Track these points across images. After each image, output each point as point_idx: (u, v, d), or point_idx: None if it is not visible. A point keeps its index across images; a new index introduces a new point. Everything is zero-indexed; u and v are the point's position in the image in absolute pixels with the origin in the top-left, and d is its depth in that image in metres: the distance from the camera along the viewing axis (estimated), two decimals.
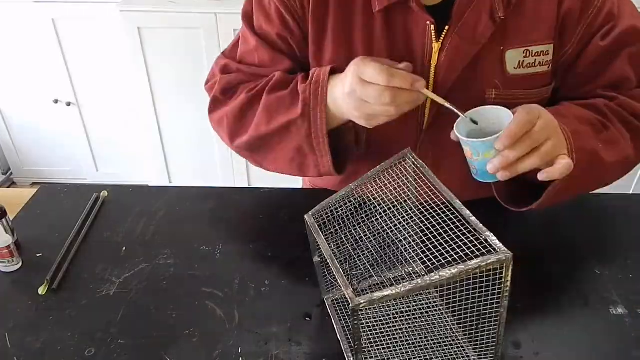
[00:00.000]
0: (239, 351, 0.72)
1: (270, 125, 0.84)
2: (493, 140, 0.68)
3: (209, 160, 2.26)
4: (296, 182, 1.20)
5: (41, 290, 0.81)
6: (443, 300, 0.77)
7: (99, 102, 2.26)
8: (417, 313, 0.75)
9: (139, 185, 1.08)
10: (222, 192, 1.05)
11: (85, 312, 0.78)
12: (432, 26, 0.78)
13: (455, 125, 0.73)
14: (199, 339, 0.74)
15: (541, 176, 0.72)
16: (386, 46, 0.81)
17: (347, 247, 0.74)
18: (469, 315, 0.70)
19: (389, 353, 0.70)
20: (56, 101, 2.26)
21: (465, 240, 0.59)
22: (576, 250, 0.89)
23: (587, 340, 0.73)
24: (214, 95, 0.92)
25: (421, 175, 0.68)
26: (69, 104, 2.27)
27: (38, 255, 0.89)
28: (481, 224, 0.60)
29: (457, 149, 0.76)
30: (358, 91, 0.72)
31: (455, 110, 0.73)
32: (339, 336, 0.74)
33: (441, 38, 0.79)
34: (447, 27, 0.78)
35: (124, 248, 0.90)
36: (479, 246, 0.58)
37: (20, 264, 0.86)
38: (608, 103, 0.84)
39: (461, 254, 0.58)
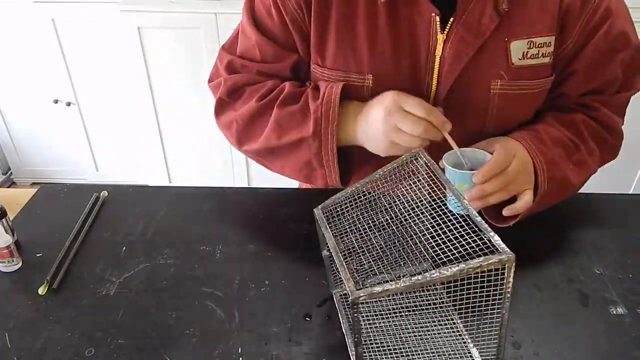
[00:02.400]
0: (239, 351, 0.72)
1: (280, 140, 0.86)
2: (469, 174, 0.77)
3: (209, 160, 2.26)
4: (296, 182, 1.20)
5: (41, 290, 0.81)
6: (447, 300, 0.77)
7: (99, 102, 2.26)
8: (420, 311, 0.75)
9: (139, 185, 1.08)
10: (222, 192, 1.05)
11: (85, 312, 0.78)
12: (438, 17, 0.79)
13: (445, 155, 0.80)
14: (199, 339, 0.74)
15: (506, 212, 0.81)
16: (390, 38, 0.82)
17: (354, 243, 0.74)
18: (469, 315, 0.70)
19: (391, 350, 0.70)
20: (56, 101, 2.26)
21: (469, 240, 0.59)
22: (576, 250, 0.89)
23: (587, 340, 0.73)
24: (219, 97, 0.92)
25: (431, 174, 0.69)
26: (69, 104, 2.26)
27: (38, 255, 0.89)
28: (486, 224, 0.60)
29: (458, 121, 0.81)
30: (396, 118, 0.77)
31: (457, 150, 0.80)
32: (344, 330, 0.74)
33: (446, 29, 0.80)
34: (452, 19, 0.79)
35: (124, 248, 0.90)
36: (482, 246, 0.59)
37: (20, 264, 0.86)
38: (586, 120, 0.90)
39: (464, 252, 0.58)
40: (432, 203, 0.69)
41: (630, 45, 0.86)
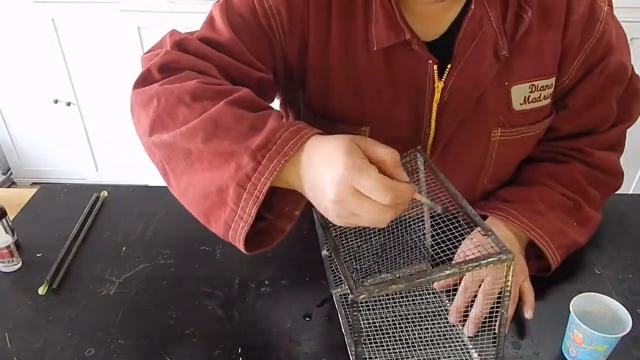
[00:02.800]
0: (239, 351, 0.72)
1: (207, 143, 0.61)
2: (616, 339, 0.67)
3: None
4: None
5: (41, 290, 0.81)
6: (446, 300, 0.77)
7: (99, 102, 2.26)
8: (420, 312, 0.75)
9: (139, 185, 1.08)
10: None
11: (85, 312, 0.78)
12: (435, 66, 0.75)
13: (574, 300, 0.71)
14: (199, 339, 0.74)
15: (529, 315, 0.75)
16: (389, 83, 0.77)
17: (353, 243, 0.74)
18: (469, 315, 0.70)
19: (390, 349, 0.70)
20: (56, 101, 2.26)
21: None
22: (576, 250, 0.88)
23: None
24: (147, 68, 0.71)
25: (430, 173, 0.69)
26: (69, 104, 2.26)
27: (38, 255, 0.89)
28: (485, 224, 0.60)
29: (456, 171, 0.77)
30: (350, 204, 0.55)
31: (430, 205, 0.62)
32: (343, 330, 0.74)
33: (444, 77, 0.76)
34: (449, 66, 0.75)
35: (124, 248, 0.90)
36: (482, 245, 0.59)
37: (20, 264, 0.86)
38: (583, 170, 0.86)
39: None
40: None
41: (627, 76, 0.83)
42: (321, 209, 0.59)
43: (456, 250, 0.59)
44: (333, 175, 0.55)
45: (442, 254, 0.66)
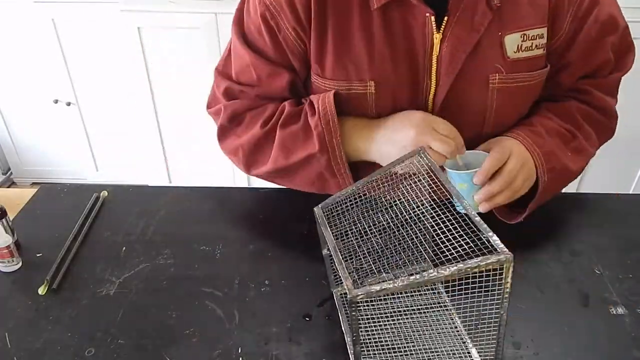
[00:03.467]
0: (239, 351, 0.72)
1: (289, 160, 0.87)
2: (468, 174, 0.80)
3: (209, 160, 2.25)
4: None
5: (41, 290, 0.81)
6: (446, 299, 0.77)
7: (99, 102, 2.26)
8: (419, 311, 0.75)
9: (139, 185, 1.08)
10: (222, 192, 1.05)
11: (85, 312, 0.78)
12: (432, 17, 0.79)
13: (447, 160, 0.82)
14: (199, 339, 0.74)
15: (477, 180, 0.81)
16: (387, 43, 0.82)
17: (354, 243, 0.74)
18: (468, 315, 0.70)
19: (390, 349, 0.70)
20: (56, 101, 2.26)
21: (468, 240, 0.59)
22: (576, 250, 0.89)
23: (587, 340, 0.73)
24: (221, 124, 0.93)
25: (432, 174, 0.69)
26: (69, 104, 2.26)
27: (38, 255, 0.89)
28: (485, 224, 0.60)
29: (458, 123, 0.83)
30: (428, 137, 0.79)
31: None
32: (343, 329, 0.74)
33: (441, 29, 0.80)
34: (446, 18, 0.79)
35: (124, 248, 0.90)
36: (481, 246, 0.59)
37: (20, 264, 0.86)
38: (579, 106, 0.91)
39: (462, 253, 0.58)
40: (432, 203, 0.69)
41: (619, 28, 0.88)
42: (392, 155, 0.79)
43: (456, 250, 0.59)
44: (413, 121, 0.82)
45: (441, 255, 0.66)
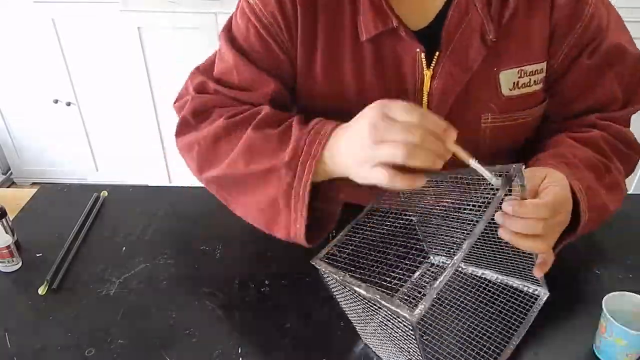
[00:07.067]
0: (239, 351, 0.72)
1: (248, 167, 0.72)
2: (635, 336, 0.66)
3: None
4: None
5: (41, 290, 0.81)
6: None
7: (99, 102, 2.26)
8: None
9: (139, 185, 1.08)
10: None
11: (85, 312, 0.78)
12: (422, 54, 0.75)
13: (606, 297, 0.70)
14: (199, 339, 0.74)
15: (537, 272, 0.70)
16: (377, 75, 0.78)
17: (355, 242, 0.71)
18: (483, 320, 0.69)
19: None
20: (56, 101, 2.26)
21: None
22: (576, 250, 0.88)
23: (587, 341, 0.73)
24: (183, 116, 0.82)
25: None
26: (69, 104, 2.26)
27: (38, 255, 0.89)
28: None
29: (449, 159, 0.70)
30: (380, 127, 0.58)
31: (471, 162, 0.62)
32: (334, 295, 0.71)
33: (432, 65, 0.76)
34: (437, 53, 0.75)
35: (124, 248, 0.90)
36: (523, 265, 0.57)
37: (20, 264, 0.86)
38: (605, 136, 0.80)
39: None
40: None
41: (627, 57, 0.80)
42: (354, 162, 0.63)
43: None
44: (363, 116, 0.62)
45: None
